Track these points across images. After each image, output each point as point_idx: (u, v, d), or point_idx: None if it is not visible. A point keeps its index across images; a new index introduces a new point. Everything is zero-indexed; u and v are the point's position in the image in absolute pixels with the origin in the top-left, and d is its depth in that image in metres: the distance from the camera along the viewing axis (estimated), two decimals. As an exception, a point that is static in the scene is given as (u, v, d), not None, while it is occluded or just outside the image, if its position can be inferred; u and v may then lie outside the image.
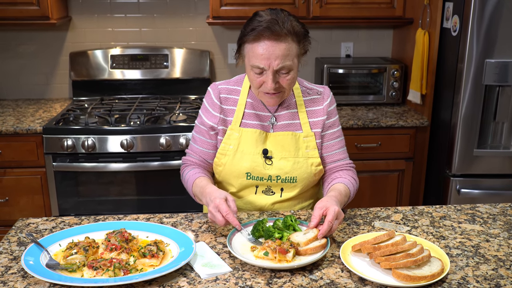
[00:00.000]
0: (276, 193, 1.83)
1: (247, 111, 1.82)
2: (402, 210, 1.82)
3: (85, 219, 1.74)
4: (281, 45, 1.62)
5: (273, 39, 1.61)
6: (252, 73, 1.68)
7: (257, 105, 1.82)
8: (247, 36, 1.65)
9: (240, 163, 1.79)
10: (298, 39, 1.66)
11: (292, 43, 1.64)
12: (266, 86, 1.67)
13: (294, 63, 1.67)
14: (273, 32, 1.61)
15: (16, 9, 3.07)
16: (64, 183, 2.93)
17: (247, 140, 1.79)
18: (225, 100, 1.83)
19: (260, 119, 1.82)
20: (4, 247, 1.56)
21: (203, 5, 3.50)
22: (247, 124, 1.81)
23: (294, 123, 1.82)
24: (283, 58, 1.63)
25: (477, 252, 1.53)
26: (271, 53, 1.62)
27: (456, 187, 2.89)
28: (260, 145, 1.79)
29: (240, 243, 1.55)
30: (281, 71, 1.65)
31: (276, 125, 1.82)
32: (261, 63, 1.63)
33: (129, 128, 2.89)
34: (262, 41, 1.62)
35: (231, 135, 1.80)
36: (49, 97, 3.60)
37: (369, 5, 3.23)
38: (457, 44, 2.78)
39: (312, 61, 3.63)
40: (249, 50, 1.66)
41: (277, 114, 1.82)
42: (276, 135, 1.80)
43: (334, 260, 1.48)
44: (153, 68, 3.47)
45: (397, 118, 3.11)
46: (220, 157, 1.82)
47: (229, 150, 1.80)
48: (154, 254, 1.44)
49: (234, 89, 1.84)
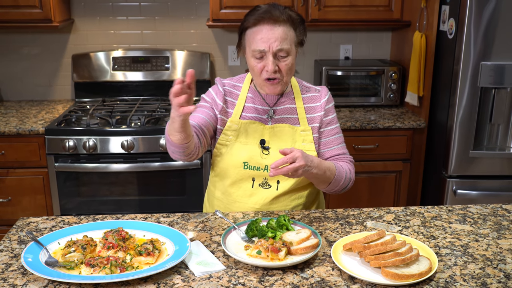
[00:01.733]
0: (272, 186, 1.87)
1: (247, 105, 1.91)
2: (394, 211, 1.86)
3: (84, 218, 1.79)
4: (279, 29, 1.75)
5: (271, 23, 1.74)
6: (253, 60, 1.78)
7: (257, 99, 1.91)
8: (247, 21, 1.79)
9: (238, 153, 1.85)
10: (295, 26, 1.80)
11: (290, 29, 1.78)
12: (267, 69, 1.77)
13: (292, 49, 1.78)
14: (272, 15, 1.74)
15: (19, 11, 3.12)
16: (65, 183, 2.98)
17: (246, 131, 1.87)
18: (228, 92, 1.93)
19: (259, 113, 1.90)
20: (5, 245, 1.60)
21: (203, 8, 3.55)
22: (246, 117, 1.89)
23: (292, 117, 1.90)
24: (281, 40, 1.74)
25: (466, 251, 1.57)
26: (271, 36, 1.74)
27: (452, 188, 2.92)
28: (257, 136, 1.86)
29: (234, 242, 1.59)
30: (280, 53, 1.76)
31: (274, 118, 1.89)
32: (261, 46, 1.74)
33: (130, 129, 2.93)
34: (262, 25, 1.75)
35: (230, 126, 1.88)
36: (52, 99, 3.65)
37: (367, 8, 3.26)
38: (453, 46, 2.81)
39: (311, 63, 3.67)
40: (250, 36, 1.78)
41: (276, 108, 1.90)
42: (273, 127, 1.87)
43: (325, 259, 1.52)
44: (154, 70, 3.52)
45: (394, 119, 3.14)
46: (219, 147, 1.89)
47: (228, 140, 1.88)
48: (150, 252, 1.48)
49: (236, 85, 1.95)
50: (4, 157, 2.96)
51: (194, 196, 3.04)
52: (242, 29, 1.82)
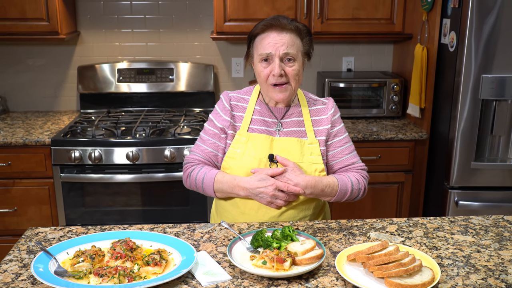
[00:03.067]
0: None
1: (255, 118, 1.93)
2: (397, 222, 1.88)
3: (92, 228, 1.82)
4: (287, 35, 1.83)
5: (279, 29, 1.82)
6: (260, 66, 1.85)
7: (265, 111, 1.94)
8: (256, 28, 1.86)
9: (246, 166, 1.88)
10: (301, 36, 1.86)
11: (296, 37, 1.84)
12: (273, 73, 1.82)
13: (298, 56, 1.84)
14: (281, 22, 1.82)
15: (27, 24, 3.17)
16: (71, 193, 3.01)
17: (254, 144, 1.89)
18: (235, 107, 1.95)
19: (267, 125, 1.92)
20: (14, 255, 1.63)
21: (207, 20, 3.59)
22: (255, 130, 1.91)
23: (300, 130, 1.93)
24: (288, 45, 1.82)
25: (468, 262, 1.59)
26: (278, 40, 1.81)
27: (454, 199, 2.94)
28: (266, 149, 1.89)
29: (240, 252, 1.62)
30: (287, 57, 1.82)
31: (282, 131, 1.92)
32: (268, 49, 1.81)
33: (135, 140, 2.97)
34: (270, 31, 1.82)
35: (239, 139, 1.91)
36: (58, 110, 3.69)
37: (369, 21, 3.31)
38: (454, 59, 2.85)
39: (314, 75, 3.71)
40: (258, 42, 1.84)
41: (284, 121, 1.93)
42: (281, 140, 1.90)
43: (329, 269, 1.55)
44: (158, 82, 3.56)
45: (396, 131, 3.17)
46: (227, 160, 1.91)
47: (236, 153, 1.90)
48: (157, 263, 1.50)
49: (243, 97, 1.97)
50: (10, 167, 2.99)
51: (198, 207, 3.07)
52: (251, 36, 1.88)
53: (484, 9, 2.67)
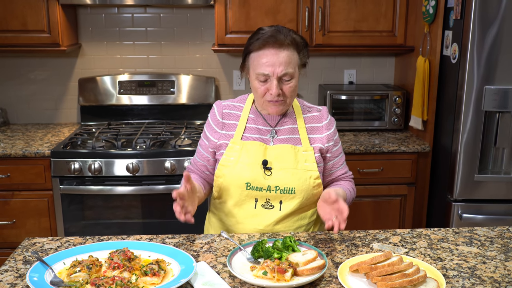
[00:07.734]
0: (275, 207, 1.87)
1: (249, 126, 1.91)
2: (400, 233, 1.85)
3: (89, 239, 1.79)
4: (284, 53, 1.76)
5: (276, 47, 1.75)
6: (256, 82, 1.80)
7: (259, 120, 1.92)
8: (252, 45, 1.79)
9: (240, 174, 1.86)
10: (298, 49, 1.81)
11: (293, 52, 1.79)
12: (271, 92, 1.78)
13: (295, 72, 1.80)
14: (277, 40, 1.75)
15: (28, 36, 3.17)
16: (70, 206, 2.98)
17: (248, 151, 1.87)
18: (227, 115, 1.93)
19: (261, 133, 1.90)
20: (10, 265, 1.60)
21: (209, 33, 3.60)
22: (248, 138, 1.90)
23: (294, 137, 1.91)
24: (286, 65, 1.76)
25: (474, 273, 1.55)
26: (275, 60, 1.75)
27: (458, 212, 2.90)
28: (260, 156, 1.87)
29: (240, 263, 1.58)
30: (284, 77, 1.78)
31: (276, 138, 1.90)
32: (266, 70, 1.76)
33: (135, 152, 2.95)
34: (267, 49, 1.76)
35: (232, 147, 1.89)
36: (58, 122, 3.68)
37: (371, 33, 3.30)
38: (456, 71, 2.83)
39: (315, 88, 3.70)
40: (254, 59, 1.79)
41: (278, 128, 1.91)
42: (276, 147, 1.88)
43: (331, 280, 1.51)
44: (159, 94, 3.55)
45: (399, 143, 3.15)
46: (221, 168, 1.90)
47: (230, 161, 1.88)
48: (156, 273, 1.47)
49: (237, 105, 1.96)
50: (9, 179, 2.97)
51: (198, 219, 3.00)
52: (247, 52, 1.83)
53: (486, 21, 2.67)
